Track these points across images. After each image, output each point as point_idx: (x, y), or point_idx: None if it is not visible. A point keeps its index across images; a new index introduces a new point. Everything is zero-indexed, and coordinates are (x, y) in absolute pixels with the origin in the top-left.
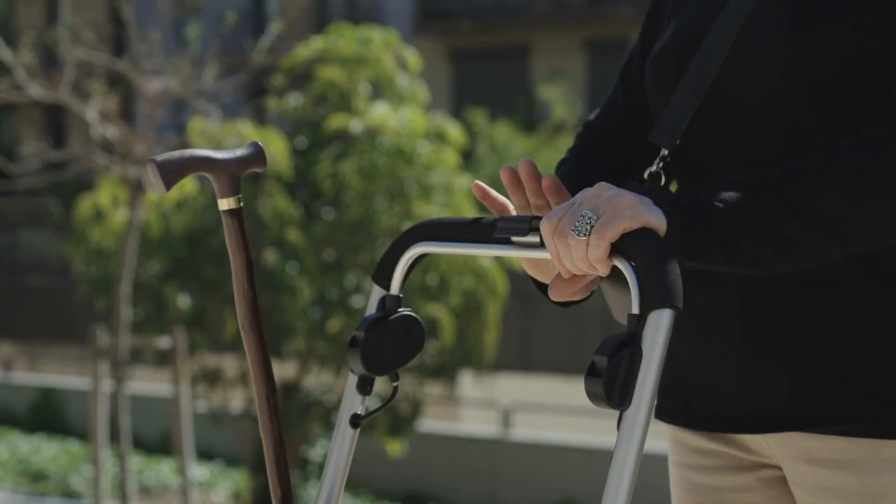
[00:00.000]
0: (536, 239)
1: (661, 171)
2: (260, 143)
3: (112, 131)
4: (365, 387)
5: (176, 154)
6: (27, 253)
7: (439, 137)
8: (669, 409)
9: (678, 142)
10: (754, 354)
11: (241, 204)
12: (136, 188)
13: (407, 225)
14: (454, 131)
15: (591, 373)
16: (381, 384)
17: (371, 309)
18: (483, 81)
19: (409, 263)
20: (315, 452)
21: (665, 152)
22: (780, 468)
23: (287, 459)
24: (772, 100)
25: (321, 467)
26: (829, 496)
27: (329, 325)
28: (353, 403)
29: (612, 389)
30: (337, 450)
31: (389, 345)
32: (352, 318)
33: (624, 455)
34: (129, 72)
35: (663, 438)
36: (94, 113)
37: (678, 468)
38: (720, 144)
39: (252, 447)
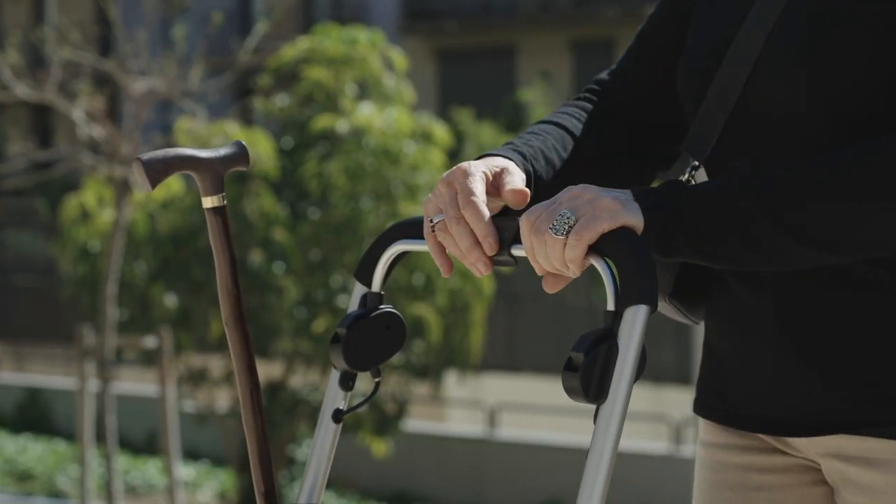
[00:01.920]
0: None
1: (692, 179)
2: (243, 143)
3: (98, 131)
4: (347, 382)
5: (161, 153)
6: (13, 253)
7: (425, 138)
8: (707, 404)
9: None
10: (789, 356)
11: (225, 202)
12: (123, 188)
13: None
14: (440, 131)
15: (569, 367)
16: (365, 383)
17: (353, 306)
18: (469, 82)
19: (390, 261)
20: (301, 452)
21: (696, 162)
22: (813, 462)
23: (271, 456)
24: (794, 112)
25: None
26: (859, 492)
27: (315, 325)
28: (336, 399)
29: (589, 384)
30: (319, 444)
31: (371, 341)
32: (338, 318)
33: (600, 449)
34: (116, 72)
35: (654, 439)
36: (81, 113)
37: (706, 449)
38: (746, 154)
39: (238, 447)
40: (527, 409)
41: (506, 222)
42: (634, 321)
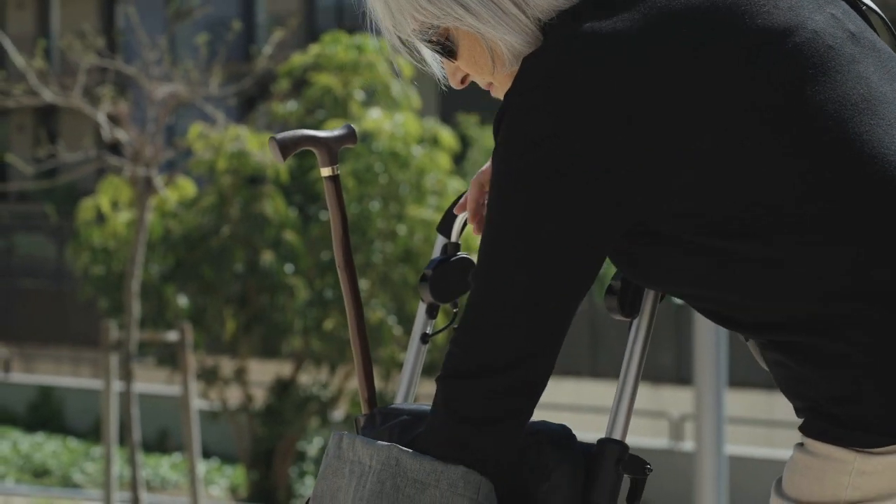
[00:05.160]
0: None
1: None
2: (352, 125)
3: (122, 134)
4: (432, 312)
5: (289, 133)
6: (21, 257)
7: (432, 142)
8: None
9: None
10: None
11: (338, 172)
12: (146, 188)
13: (401, 227)
14: (447, 136)
15: (609, 292)
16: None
17: (436, 253)
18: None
19: (465, 217)
20: (311, 447)
21: None
22: None
23: (372, 367)
24: None
25: (317, 462)
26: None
27: (325, 324)
28: (424, 325)
29: (624, 303)
30: (411, 360)
31: (450, 280)
32: (346, 318)
33: (632, 349)
34: (139, 77)
35: (655, 435)
36: (104, 116)
37: None
38: None
39: (249, 443)
40: None
41: None
42: None
